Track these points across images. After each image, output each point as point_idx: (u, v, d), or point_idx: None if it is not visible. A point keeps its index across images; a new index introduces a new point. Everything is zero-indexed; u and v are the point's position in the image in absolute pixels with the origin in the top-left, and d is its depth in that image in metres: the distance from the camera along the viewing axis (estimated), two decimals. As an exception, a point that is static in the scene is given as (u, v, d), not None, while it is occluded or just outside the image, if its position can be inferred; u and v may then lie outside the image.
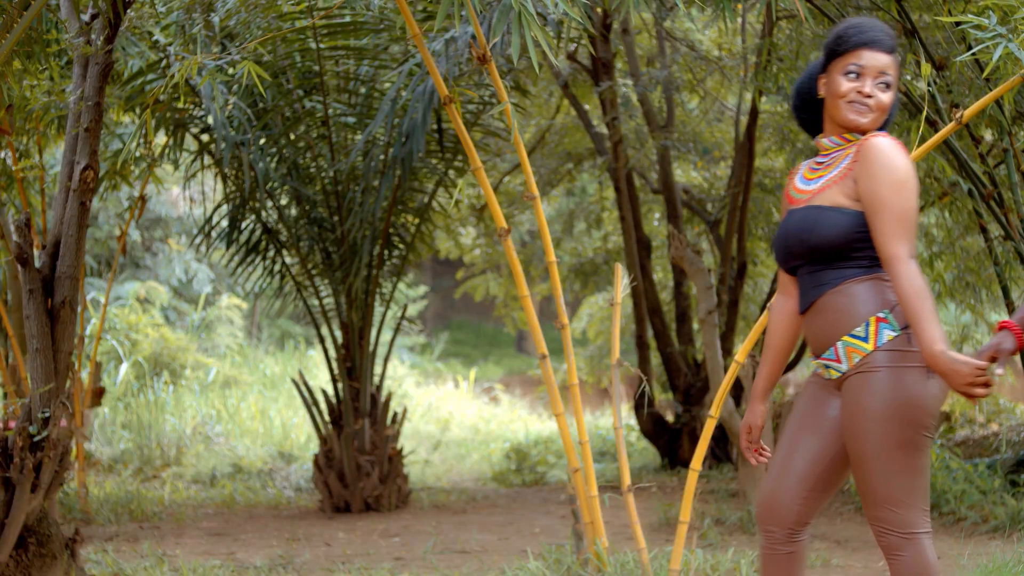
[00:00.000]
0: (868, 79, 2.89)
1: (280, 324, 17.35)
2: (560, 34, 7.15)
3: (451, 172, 7.93)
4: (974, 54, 4.13)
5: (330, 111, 7.44)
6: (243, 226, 7.89)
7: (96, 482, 8.79)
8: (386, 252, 7.93)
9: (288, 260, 8.10)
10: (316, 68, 7.24)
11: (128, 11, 4.56)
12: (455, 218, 11.51)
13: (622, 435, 4.85)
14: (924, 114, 4.13)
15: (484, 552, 6.03)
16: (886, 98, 2.90)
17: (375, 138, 7.34)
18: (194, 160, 7.72)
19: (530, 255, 12.38)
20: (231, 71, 6.08)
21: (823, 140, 3.00)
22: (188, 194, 8.61)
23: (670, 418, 10.18)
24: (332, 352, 7.88)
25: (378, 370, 8.04)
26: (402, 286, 11.47)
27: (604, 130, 9.79)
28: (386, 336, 10.70)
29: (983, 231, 6.17)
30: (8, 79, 5.12)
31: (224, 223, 7.93)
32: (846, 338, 2.83)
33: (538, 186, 8.02)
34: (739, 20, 9.34)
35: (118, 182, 7.27)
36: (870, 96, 2.89)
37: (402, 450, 7.95)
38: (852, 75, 2.90)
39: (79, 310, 6.25)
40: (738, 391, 8.56)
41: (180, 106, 7.04)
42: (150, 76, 6.47)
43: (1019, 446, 7.95)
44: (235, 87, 6.74)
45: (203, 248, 8.95)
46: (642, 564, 4.64)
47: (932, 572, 2.78)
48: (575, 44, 9.30)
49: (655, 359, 10.42)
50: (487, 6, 4.95)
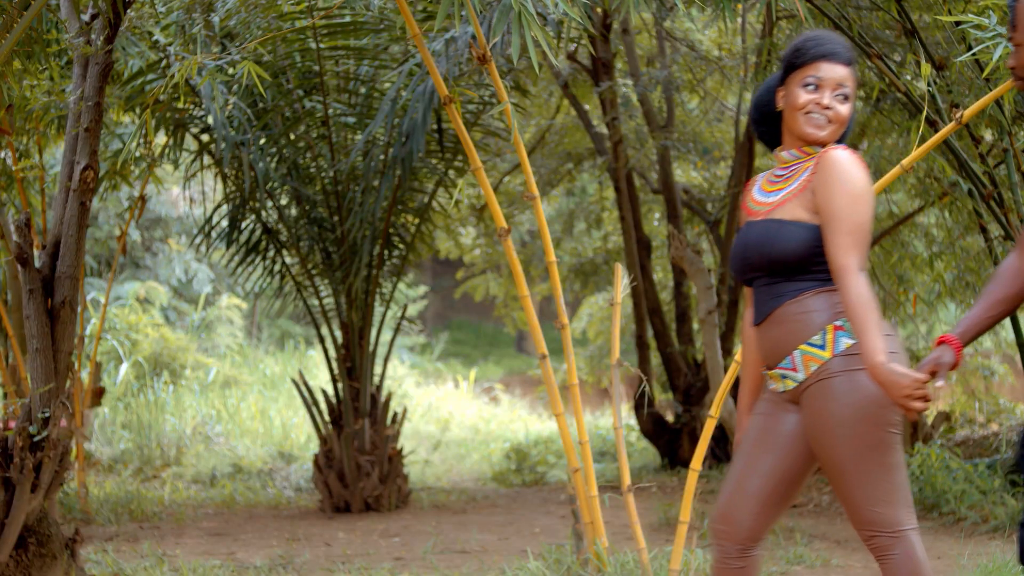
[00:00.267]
0: (827, 91, 2.89)
1: (280, 324, 17.34)
2: (560, 34, 7.14)
3: (451, 172, 7.93)
4: (974, 54, 4.13)
5: (330, 111, 7.44)
6: (243, 226, 7.89)
7: (96, 482, 8.78)
8: (386, 252, 7.93)
9: (288, 260, 8.10)
10: (316, 68, 7.24)
11: (128, 11, 4.56)
12: (455, 218, 11.50)
13: (622, 435, 4.86)
14: (924, 114, 4.13)
15: (484, 552, 6.03)
16: (844, 110, 2.90)
17: (375, 138, 7.34)
18: (194, 160, 7.72)
19: (530, 255, 12.37)
20: (231, 71, 6.08)
21: (782, 153, 3.00)
22: (188, 194, 8.60)
23: (670, 418, 10.17)
24: (332, 352, 7.88)
25: (378, 370, 8.04)
26: (402, 286, 11.45)
27: (604, 130, 9.79)
28: (386, 336, 10.69)
29: (983, 231, 6.16)
30: (8, 79, 5.12)
31: (224, 223, 7.93)
32: (803, 346, 2.84)
33: (538, 186, 8.02)
34: (739, 20, 9.33)
35: (118, 182, 7.27)
36: (828, 108, 2.89)
37: (402, 450, 7.95)
38: (810, 87, 2.90)
39: (79, 310, 6.24)
40: (738, 391, 8.55)
41: (180, 106, 7.04)
42: (150, 76, 6.47)
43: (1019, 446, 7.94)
44: (235, 87, 6.73)
45: (203, 248, 8.94)
46: (642, 564, 4.64)
47: (923, 567, 2.80)
48: (575, 44, 9.29)
49: (655, 359, 10.41)
50: (487, 6, 4.94)
